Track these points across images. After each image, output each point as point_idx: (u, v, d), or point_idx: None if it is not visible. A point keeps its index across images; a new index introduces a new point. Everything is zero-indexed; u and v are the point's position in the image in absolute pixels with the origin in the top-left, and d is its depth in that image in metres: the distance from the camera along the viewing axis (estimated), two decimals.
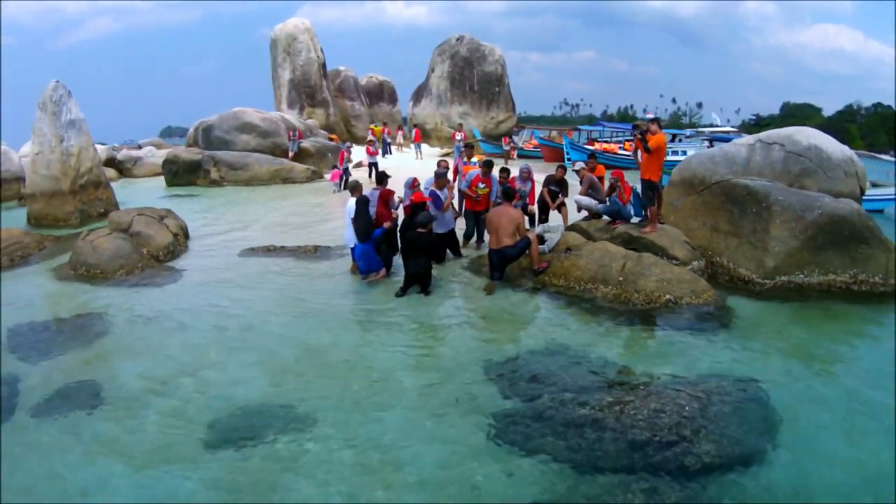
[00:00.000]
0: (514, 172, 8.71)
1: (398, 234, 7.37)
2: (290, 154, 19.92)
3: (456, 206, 8.38)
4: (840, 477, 3.43)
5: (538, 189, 8.95)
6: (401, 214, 7.67)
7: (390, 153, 24.36)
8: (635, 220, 7.97)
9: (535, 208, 8.83)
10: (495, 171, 8.22)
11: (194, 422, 4.15)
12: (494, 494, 3.25)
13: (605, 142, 28.19)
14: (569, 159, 20.80)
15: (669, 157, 19.89)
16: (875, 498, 3.28)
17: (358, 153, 18.97)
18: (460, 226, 8.50)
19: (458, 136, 21.97)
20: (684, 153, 19.11)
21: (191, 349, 5.40)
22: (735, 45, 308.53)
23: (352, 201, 7.12)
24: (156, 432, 4.08)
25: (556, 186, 8.88)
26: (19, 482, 3.64)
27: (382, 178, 7.64)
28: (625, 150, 24.37)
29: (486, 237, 7.43)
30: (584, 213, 8.62)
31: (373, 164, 16.62)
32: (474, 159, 9.93)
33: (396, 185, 7.97)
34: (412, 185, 7.67)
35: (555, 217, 8.97)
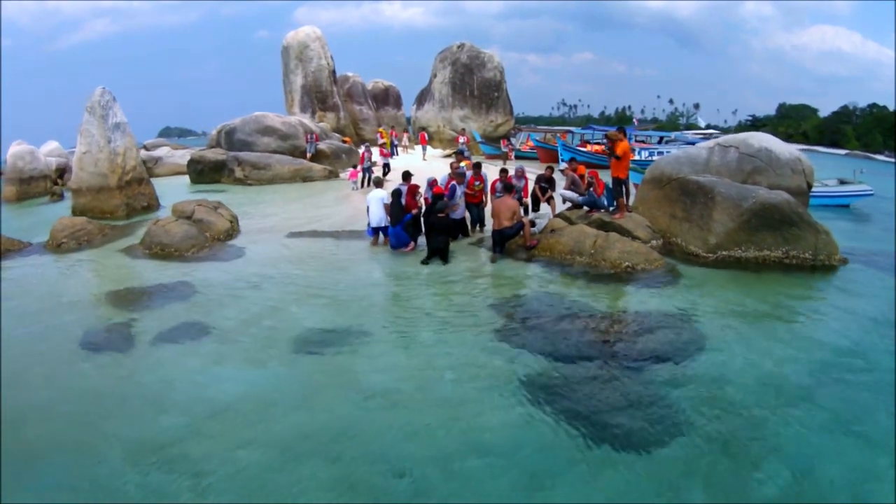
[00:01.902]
0: (512, 171, 10.55)
1: (422, 219, 9.14)
2: (308, 155, 21.38)
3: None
4: (741, 370, 4.91)
5: (531, 185, 10.85)
6: (422, 205, 9.45)
7: (397, 154, 26.11)
8: (611, 209, 9.79)
9: (528, 201, 10.68)
10: (493, 173, 10.15)
11: (281, 340, 5.66)
12: (503, 370, 5.01)
13: (597, 143, 29.70)
14: (562, 160, 22.38)
15: (654, 157, 21.60)
16: (768, 384, 4.70)
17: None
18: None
19: (461, 140, 23.63)
20: (668, 152, 20.45)
21: (266, 300, 6.92)
22: (733, 47, 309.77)
23: (372, 192, 9.11)
24: (253, 348, 5.51)
25: (546, 183, 10.80)
26: (155, 380, 4.86)
27: (407, 176, 9.49)
28: None
29: (489, 223, 9.22)
30: (568, 204, 10.45)
31: (386, 165, 18.45)
32: (464, 164, 11.85)
33: (417, 181, 9.71)
34: (432, 183, 9.57)
35: (544, 208, 10.89)
